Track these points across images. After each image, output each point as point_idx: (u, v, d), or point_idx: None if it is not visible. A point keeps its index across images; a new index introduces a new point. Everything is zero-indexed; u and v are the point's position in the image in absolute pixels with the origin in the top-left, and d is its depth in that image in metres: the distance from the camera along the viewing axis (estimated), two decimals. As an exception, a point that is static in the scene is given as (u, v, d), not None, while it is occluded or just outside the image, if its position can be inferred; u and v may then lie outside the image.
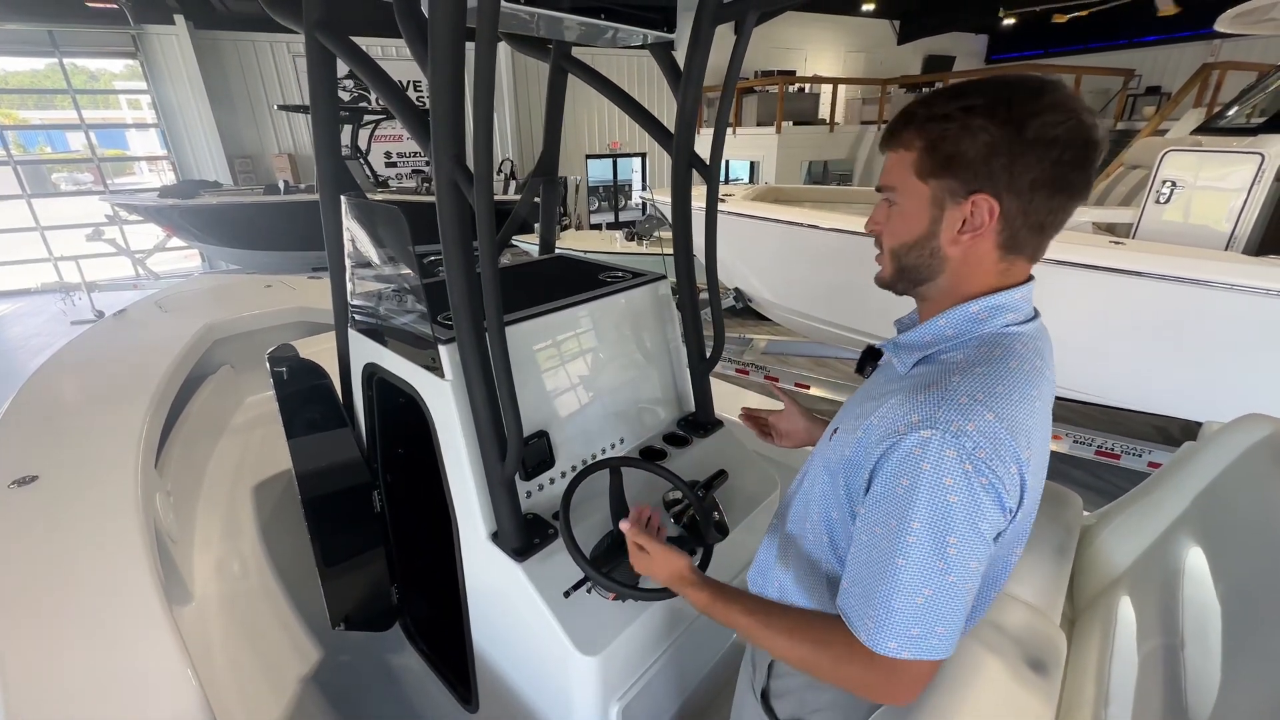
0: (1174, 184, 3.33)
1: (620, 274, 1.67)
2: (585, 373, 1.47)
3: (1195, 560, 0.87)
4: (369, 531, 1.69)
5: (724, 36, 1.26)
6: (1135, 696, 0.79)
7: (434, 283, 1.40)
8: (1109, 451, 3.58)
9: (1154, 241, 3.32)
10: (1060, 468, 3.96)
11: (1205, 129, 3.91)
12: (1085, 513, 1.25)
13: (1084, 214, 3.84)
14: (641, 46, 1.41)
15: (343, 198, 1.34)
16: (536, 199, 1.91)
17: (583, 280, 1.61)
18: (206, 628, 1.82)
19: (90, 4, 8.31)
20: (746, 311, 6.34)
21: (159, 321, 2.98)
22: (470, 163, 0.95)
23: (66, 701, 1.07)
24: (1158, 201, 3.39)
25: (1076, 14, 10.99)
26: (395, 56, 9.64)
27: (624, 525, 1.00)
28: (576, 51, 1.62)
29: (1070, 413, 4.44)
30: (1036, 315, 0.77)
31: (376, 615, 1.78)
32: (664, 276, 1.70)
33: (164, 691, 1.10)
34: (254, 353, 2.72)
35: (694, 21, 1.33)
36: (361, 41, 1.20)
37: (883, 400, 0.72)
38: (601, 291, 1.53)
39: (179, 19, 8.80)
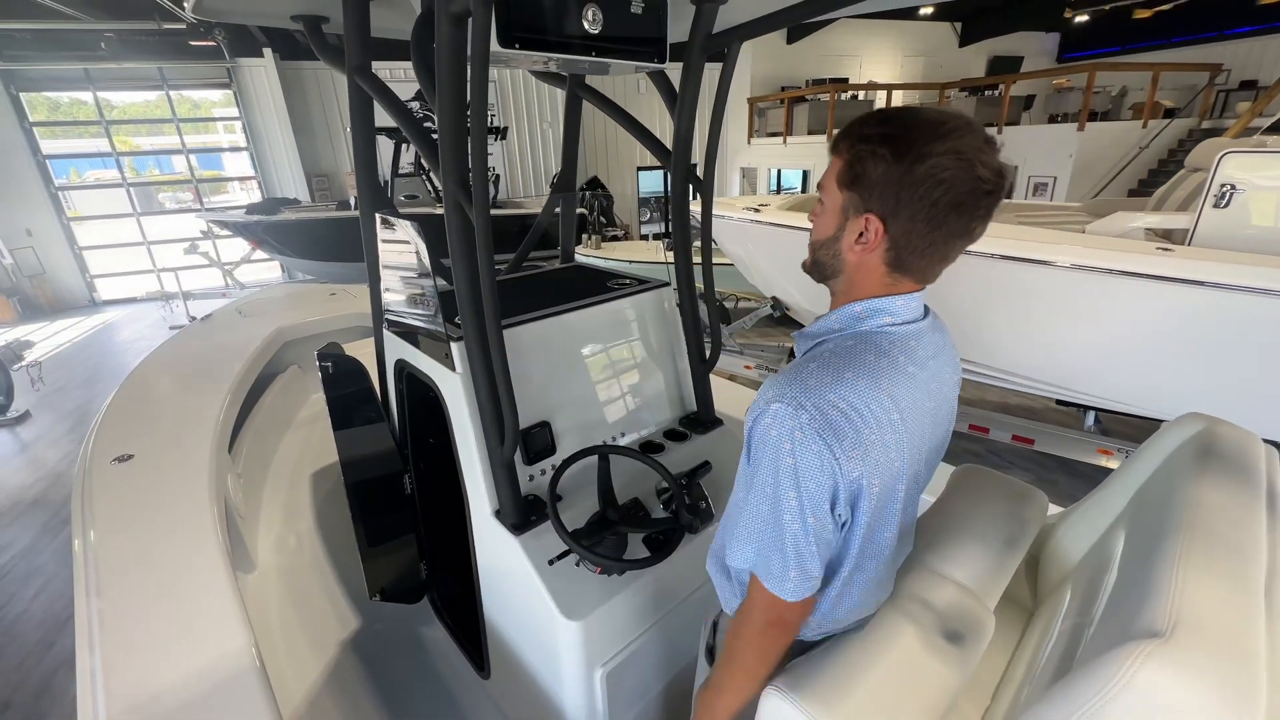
0: (1233, 187, 3.15)
1: (627, 281, 1.81)
2: (587, 371, 1.61)
3: (1120, 551, 0.91)
4: (402, 513, 1.89)
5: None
6: (1043, 669, 0.84)
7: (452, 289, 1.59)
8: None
9: (1211, 248, 3.15)
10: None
11: (1276, 129, 3.67)
12: (1059, 508, 1.28)
13: (1136, 220, 3.68)
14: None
15: (377, 215, 1.54)
16: (557, 210, 2.07)
17: (592, 287, 1.75)
18: (265, 593, 2.07)
19: (193, 43, 9.34)
20: (785, 320, 6.34)
21: (238, 325, 3.36)
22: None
23: (145, 644, 1.28)
24: (1216, 206, 3.22)
25: (1160, 7, 10.31)
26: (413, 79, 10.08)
27: None
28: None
29: (1128, 428, 4.22)
30: (925, 316, 0.85)
31: (408, 589, 1.97)
32: (668, 284, 1.82)
33: (224, 645, 1.29)
34: (318, 354, 3.04)
35: (686, 52, 1.46)
36: (387, 66, 1.39)
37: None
38: (607, 297, 1.67)
39: (267, 52, 9.70)
